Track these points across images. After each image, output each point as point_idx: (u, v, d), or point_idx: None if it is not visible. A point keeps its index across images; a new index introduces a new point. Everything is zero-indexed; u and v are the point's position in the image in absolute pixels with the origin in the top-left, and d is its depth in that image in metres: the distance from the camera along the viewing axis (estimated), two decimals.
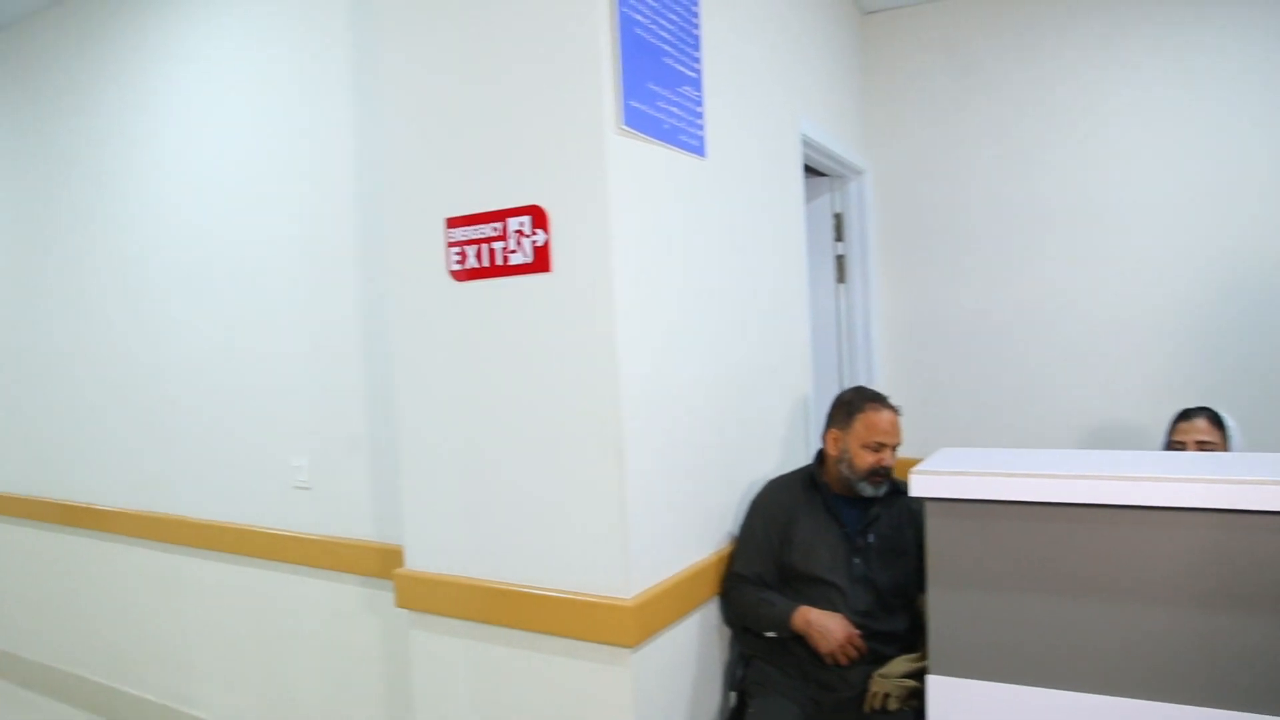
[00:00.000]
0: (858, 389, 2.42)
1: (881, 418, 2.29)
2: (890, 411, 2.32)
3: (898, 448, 2.32)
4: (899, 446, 2.32)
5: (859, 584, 2.24)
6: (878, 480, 2.28)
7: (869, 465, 2.27)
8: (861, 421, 2.29)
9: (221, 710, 3.21)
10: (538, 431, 1.94)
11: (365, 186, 2.61)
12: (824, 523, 2.30)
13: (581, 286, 1.86)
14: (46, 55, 3.64)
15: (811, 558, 2.26)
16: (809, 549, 2.27)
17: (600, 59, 1.82)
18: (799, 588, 2.26)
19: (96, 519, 3.55)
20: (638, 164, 1.93)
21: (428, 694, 2.18)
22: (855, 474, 2.29)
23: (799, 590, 2.26)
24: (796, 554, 2.27)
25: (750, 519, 2.35)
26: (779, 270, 2.71)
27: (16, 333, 3.95)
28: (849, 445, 2.30)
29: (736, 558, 2.30)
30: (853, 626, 2.15)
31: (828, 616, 2.15)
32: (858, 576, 2.25)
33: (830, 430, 2.37)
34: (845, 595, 2.22)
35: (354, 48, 2.62)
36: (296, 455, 2.83)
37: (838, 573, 2.24)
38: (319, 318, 2.75)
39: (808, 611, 2.17)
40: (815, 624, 2.15)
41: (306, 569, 2.84)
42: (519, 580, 2.00)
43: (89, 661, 3.75)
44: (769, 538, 2.29)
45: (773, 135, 2.70)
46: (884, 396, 2.36)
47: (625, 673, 1.87)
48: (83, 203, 3.55)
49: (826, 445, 2.38)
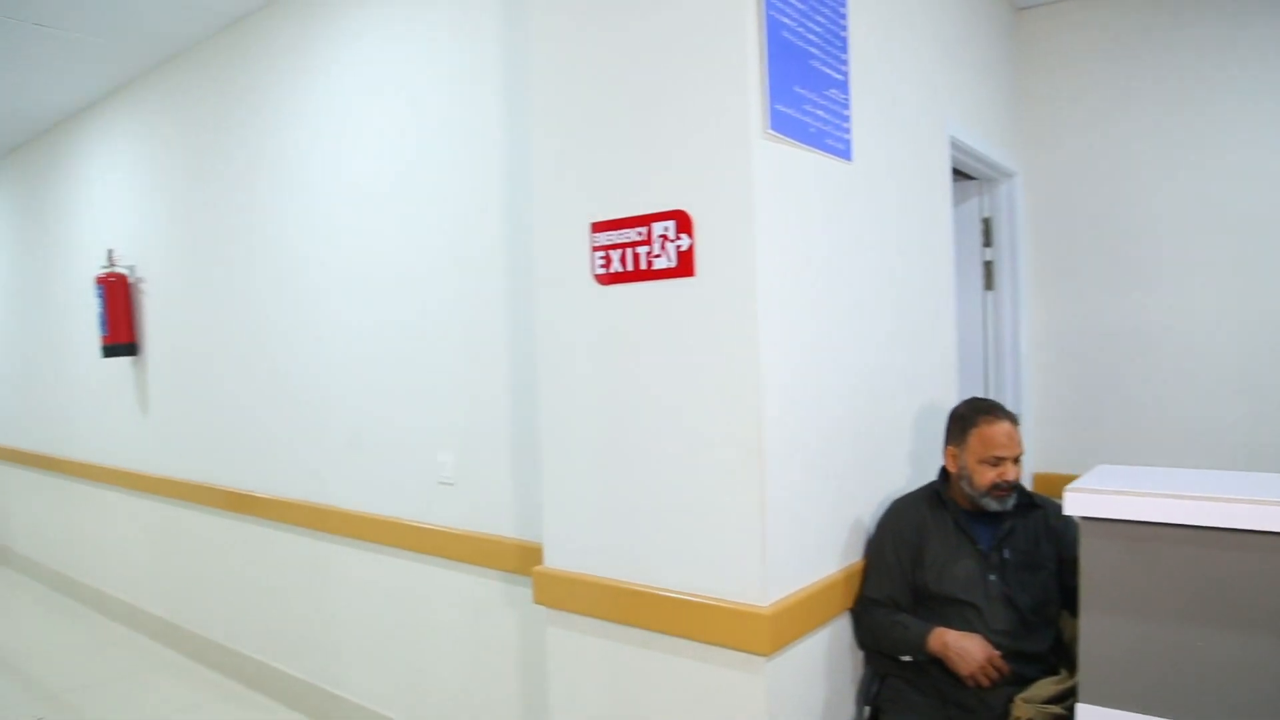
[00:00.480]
0: (970, 401, 2.32)
1: (997, 430, 2.18)
2: (1005, 422, 2.20)
3: (1020, 459, 2.21)
4: (1021, 457, 2.21)
5: (997, 602, 2.15)
6: (1002, 494, 2.18)
7: (990, 481, 2.17)
8: (976, 436, 2.20)
9: (364, 692, 3.36)
10: (678, 435, 1.95)
11: (513, 192, 2.68)
12: (955, 541, 2.22)
13: (725, 291, 1.86)
14: (222, 75, 3.91)
15: (945, 578, 2.18)
16: (942, 569, 2.19)
17: (747, 63, 1.82)
18: (934, 609, 2.18)
19: (258, 506, 3.78)
20: (783, 168, 1.91)
21: (562, 690, 2.22)
22: (977, 490, 2.19)
23: (934, 612, 2.18)
24: (929, 575, 2.19)
25: (879, 541, 2.28)
26: (925, 277, 2.64)
27: (191, 333, 4.25)
28: (967, 461, 2.21)
29: (867, 581, 2.24)
30: (992, 647, 2.07)
31: (966, 637, 2.08)
32: (995, 595, 2.16)
33: (948, 447, 2.28)
34: (983, 615, 2.14)
35: (503, 57, 2.70)
36: (442, 452, 2.93)
37: (974, 592, 2.16)
38: (467, 320, 2.85)
39: (944, 633, 2.10)
40: (953, 646, 2.07)
41: (449, 562, 2.94)
42: (656, 583, 2.01)
43: (245, 637, 3.99)
44: (899, 559, 2.22)
45: (920, 138, 2.63)
46: (998, 406, 2.25)
47: (760, 681, 1.85)
48: (249, 210, 3.79)
49: (946, 461, 2.30)
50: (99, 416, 5.13)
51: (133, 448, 4.78)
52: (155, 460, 4.57)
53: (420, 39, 2.98)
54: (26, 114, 5.17)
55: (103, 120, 4.92)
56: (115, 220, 4.83)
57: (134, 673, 4.27)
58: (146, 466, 4.65)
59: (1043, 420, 3.47)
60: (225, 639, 4.13)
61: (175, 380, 4.40)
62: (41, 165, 5.67)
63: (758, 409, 1.82)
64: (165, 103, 4.34)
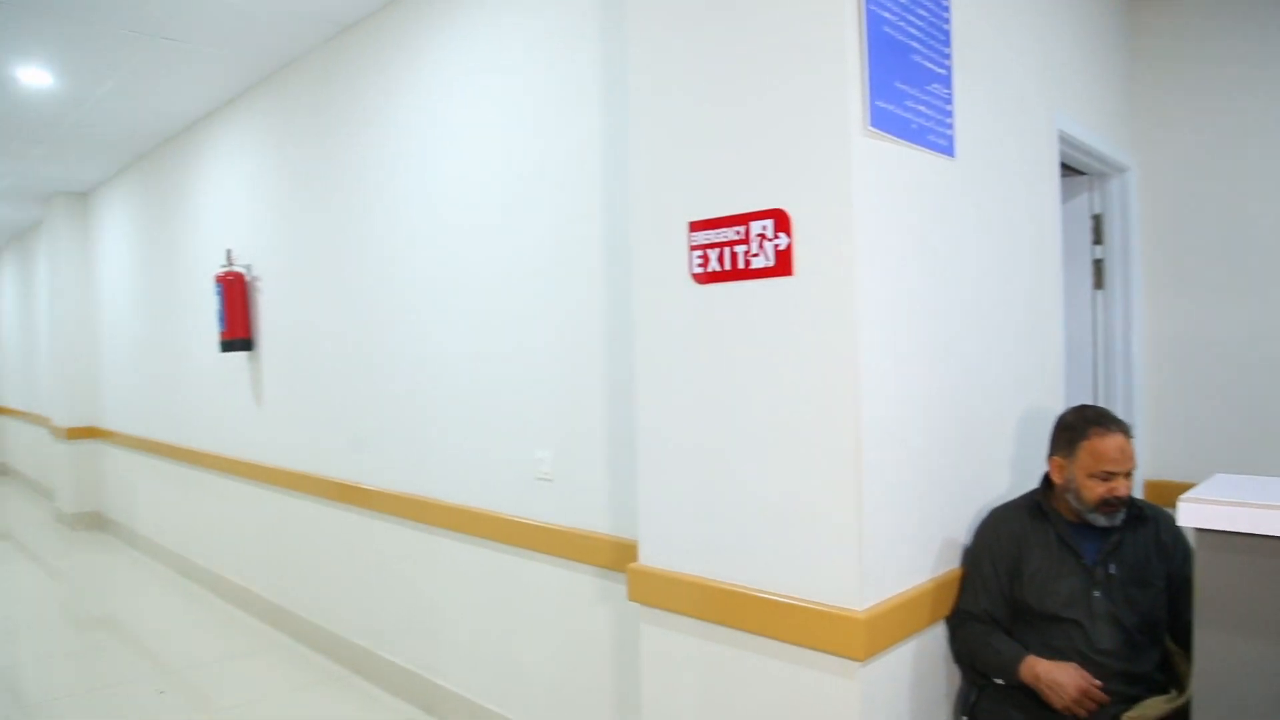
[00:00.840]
0: (1080, 410, 2.18)
1: (1109, 444, 2.05)
2: (1119, 435, 2.07)
3: (1132, 473, 2.09)
4: (1134, 472, 2.09)
5: (1101, 620, 2.05)
6: (1111, 510, 2.07)
7: (1099, 496, 2.06)
8: (1086, 449, 2.07)
9: (461, 681, 3.45)
10: (775, 435, 1.94)
11: (611, 193, 2.71)
12: (1057, 554, 2.11)
13: (824, 290, 1.84)
14: (330, 82, 4.07)
15: (1046, 593, 2.09)
16: (1043, 584, 2.10)
17: (846, 59, 1.80)
18: (1034, 625, 2.10)
19: (364, 497, 3.92)
20: (884, 166, 1.88)
21: (655, 687, 2.23)
22: (1084, 505, 2.09)
23: (1034, 628, 2.09)
24: (1029, 590, 2.10)
25: (975, 552, 2.19)
26: (1031, 276, 2.56)
27: (301, 329, 4.43)
28: (1074, 475, 2.10)
29: (963, 593, 2.17)
30: (1089, 676, 1.95)
31: (1058, 668, 1.98)
32: (1099, 612, 2.05)
33: (1054, 457, 2.17)
34: (1086, 633, 2.04)
35: (602, 58, 2.74)
36: (541, 448, 2.99)
37: (1076, 609, 2.06)
38: (565, 318, 2.89)
39: (1035, 663, 2.01)
40: (1044, 678, 1.98)
41: (545, 556, 2.99)
42: (750, 583, 2.00)
43: (349, 623, 4.14)
44: (996, 573, 2.13)
45: (1027, 132, 2.56)
46: (1111, 417, 2.11)
47: (854, 686, 1.83)
48: (356, 211, 3.93)
49: (1051, 472, 2.18)
50: (217, 408, 5.41)
51: (248, 438, 5.02)
52: (268, 451, 4.78)
53: (520, 45, 3.05)
54: (154, 122, 5.48)
55: (222, 127, 5.17)
56: (233, 221, 5.08)
57: (245, 653, 4.48)
58: (260, 456, 4.87)
59: (1155, 424, 3.32)
60: (331, 624, 4.29)
61: (287, 374, 4.59)
62: (167, 170, 6.00)
63: (856, 410, 1.80)
64: (278, 110, 4.54)
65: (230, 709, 3.77)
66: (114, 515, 7.54)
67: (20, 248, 10.11)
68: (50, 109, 5.07)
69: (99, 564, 6.63)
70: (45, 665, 4.51)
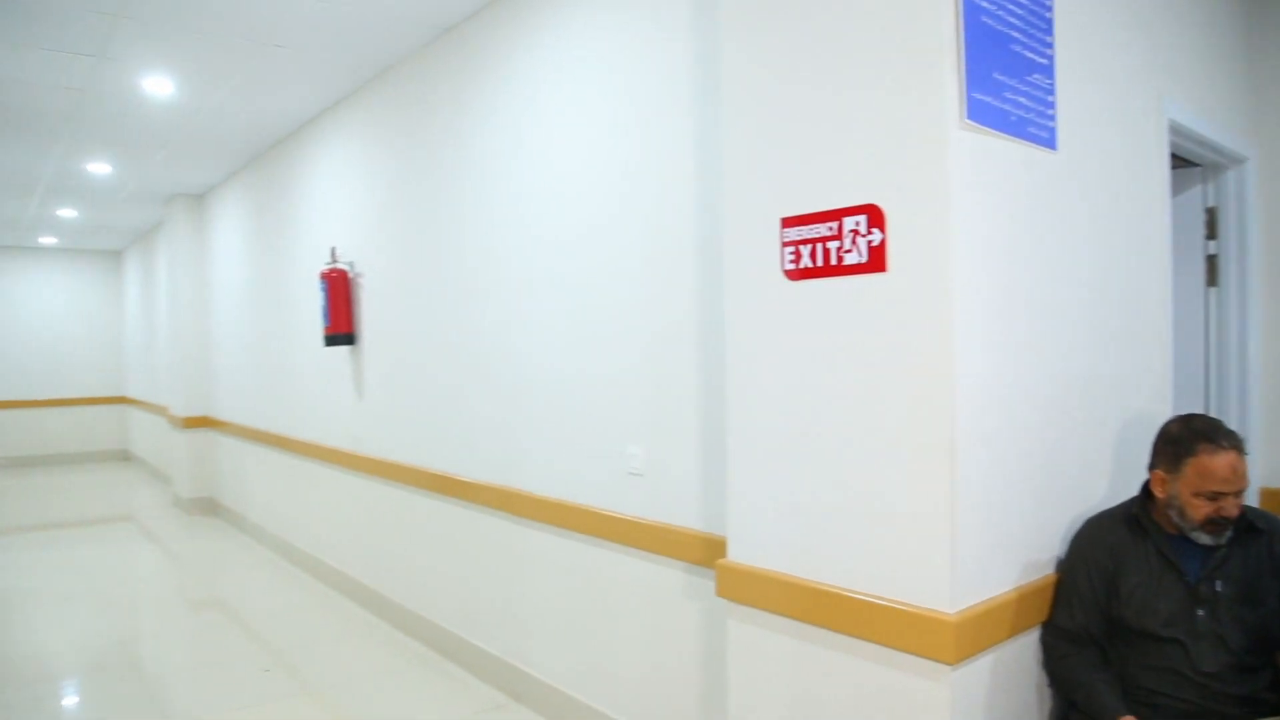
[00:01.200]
0: (1187, 421, 2.02)
1: (1219, 463, 1.89)
2: (1230, 453, 1.90)
3: (1244, 491, 1.94)
4: (1245, 490, 1.94)
5: (1204, 641, 1.93)
6: (1217, 530, 1.93)
7: (1205, 516, 1.92)
8: (1193, 467, 1.92)
9: (550, 670, 3.51)
10: (867, 433, 1.92)
11: (704, 189, 2.72)
12: (1158, 569, 1.99)
13: (918, 287, 1.81)
14: (429, 84, 4.18)
15: (1146, 611, 1.97)
16: (1143, 601, 1.98)
17: (942, 50, 1.77)
18: (1133, 643, 2.00)
19: (459, 489, 4.02)
20: (981, 159, 1.84)
21: (742, 683, 2.23)
22: (1188, 524, 1.96)
23: (1133, 646, 2.00)
24: (1127, 607, 1.99)
25: (1071, 563, 2.09)
26: (1138, 273, 2.46)
27: (401, 326, 4.58)
28: (1179, 491, 1.96)
29: (1057, 607, 2.07)
30: None
31: None
32: (1203, 632, 1.93)
33: (1156, 470, 2.02)
34: (1189, 654, 1.93)
35: (694, 54, 2.75)
36: (633, 443, 3.02)
37: (1178, 628, 1.94)
38: (658, 314, 2.91)
39: None
40: None
41: (635, 550, 3.02)
42: (839, 582, 1.98)
43: (442, 610, 4.26)
44: (1092, 587, 2.02)
45: (1134, 121, 2.46)
46: (1222, 430, 1.94)
47: (943, 690, 1.80)
48: (455, 210, 4.03)
49: (1152, 484, 2.04)
50: (320, 401, 5.62)
51: (348, 430, 5.21)
52: (369, 442, 4.95)
53: (613, 43, 3.08)
54: (265, 126, 5.74)
55: (328, 129, 5.37)
56: (338, 219, 5.27)
57: (344, 635, 4.66)
58: (360, 448, 5.05)
59: (1272, 429, 3.16)
60: (425, 610, 4.42)
61: (387, 369, 4.74)
62: (276, 171, 6.26)
63: (950, 410, 1.77)
64: (381, 111, 4.69)
65: (329, 688, 3.92)
66: (225, 501, 7.92)
67: (143, 247, 10.70)
68: (171, 116, 5.36)
69: (211, 547, 6.98)
70: (162, 640, 4.78)
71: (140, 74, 4.57)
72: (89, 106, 5.11)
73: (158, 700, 3.84)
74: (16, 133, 5.70)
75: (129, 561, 6.62)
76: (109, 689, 4.00)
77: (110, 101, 5.02)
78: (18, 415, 11.64)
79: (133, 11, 3.75)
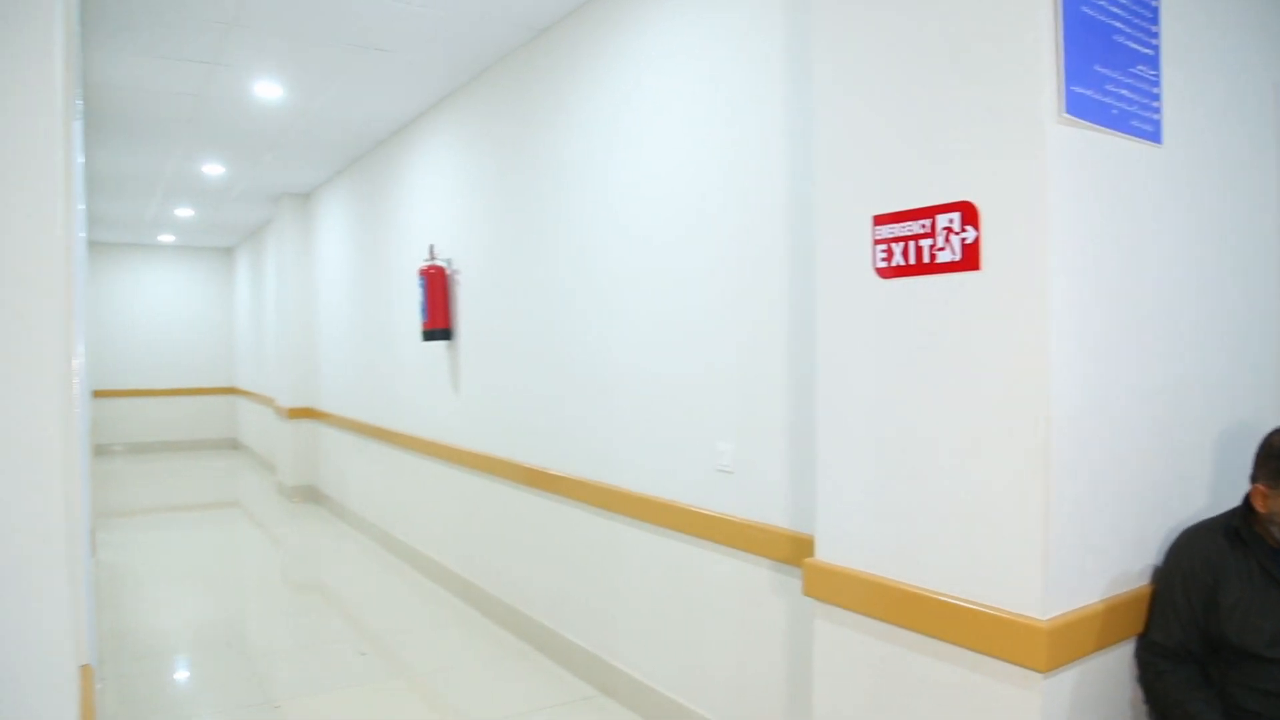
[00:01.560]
0: None
1: None
2: None
3: None
4: None
5: None
6: None
7: None
8: None
9: (638, 665, 3.54)
10: (959, 433, 1.89)
11: (795, 187, 2.71)
12: (1261, 585, 1.89)
13: (1013, 287, 1.78)
14: (525, 84, 4.27)
15: (1248, 630, 1.87)
16: (1244, 619, 1.88)
17: (1040, 42, 1.73)
18: (1235, 664, 1.90)
19: (551, 483, 4.10)
20: (1080, 155, 1.80)
21: (827, 683, 2.22)
22: None
23: (1235, 667, 1.90)
24: (1227, 624, 1.89)
25: (1168, 576, 1.99)
26: (1250, 274, 2.33)
27: (497, 322, 4.68)
28: None
29: (1153, 622, 1.98)
30: None
31: None
32: None
33: (1258, 484, 1.91)
34: None
35: (785, 50, 2.74)
36: (722, 441, 3.03)
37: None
38: (748, 314, 2.92)
39: None
40: None
41: (723, 547, 3.03)
42: (927, 584, 1.96)
43: (534, 602, 4.34)
44: (1190, 602, 1.93)
45: (1248, 112, 2.33)
46: None
47: (1034, 699, 1.76)
48: (550, 209, 4.11)
49: (1253, 498, 1.93)
50: (418, 394, 5.79)
51: (445, 423, 5.35)
52: (464, 435, 5.08)
53: (704, 36, 3.09)
54: (367, 127, 5.94)
55: (426, 130, 5.53)
56: (436, 217, 5.42)
57: (438, 623, 4.79)
58: (457, 440, 5.18)
59: None
60: (517, 602, 4.52)
61: (483, 364, 4.86)
62: (378, 171, 6.47)
63: (1046, 412, 1.73)
64: (477, 112, 4.81)
65: (422, 674, 4.05)
66: (326, 490, 8.23)
67: (253, 245, 11.19)
68: (280, 118, 5.60)
69: (312, 533, 7.27)
70: (264, 621, 5.01)
71: (251, 79, 4.80)
72: (204, 111, 5.39)
73: (259, 676, 4.03)
74: (140, 137, 6.05)
75: (235, 545, 6.97)
76: (215, 664, 4.22)
77: (224, 105, 5.28)
78: (136, 404, 12.34)
79: (245, 20, 3.94)
